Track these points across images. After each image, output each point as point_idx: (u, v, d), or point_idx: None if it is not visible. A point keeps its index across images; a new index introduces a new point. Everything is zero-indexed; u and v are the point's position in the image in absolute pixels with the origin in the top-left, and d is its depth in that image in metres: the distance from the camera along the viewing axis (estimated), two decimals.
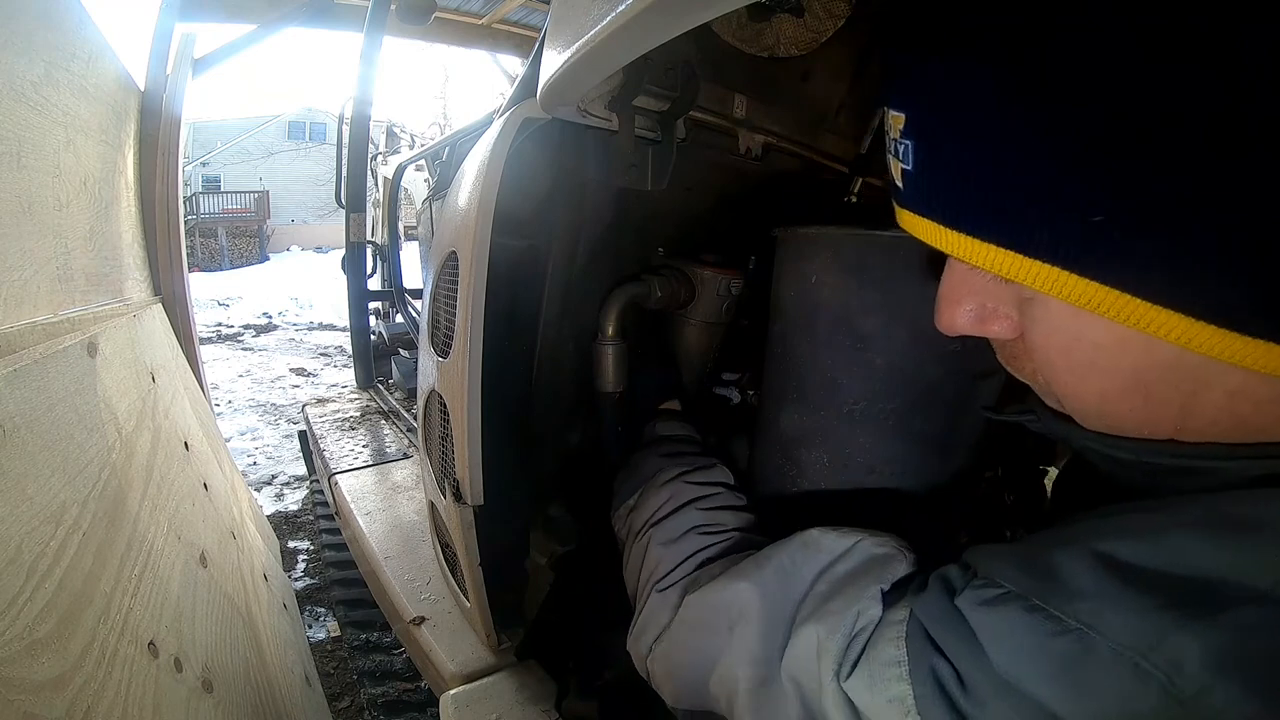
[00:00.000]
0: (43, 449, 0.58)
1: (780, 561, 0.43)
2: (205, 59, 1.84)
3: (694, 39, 0.70)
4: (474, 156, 0.71)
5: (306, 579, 2.13)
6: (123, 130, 1.44)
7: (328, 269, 8.94)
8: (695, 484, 0.60)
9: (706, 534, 0.54)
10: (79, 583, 0.57)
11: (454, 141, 2.07)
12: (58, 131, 0.95)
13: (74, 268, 0.98)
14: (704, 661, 0.45)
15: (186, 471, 1.06)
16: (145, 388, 1.01)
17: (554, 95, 0.52)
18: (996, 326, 0.34)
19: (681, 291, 0.79)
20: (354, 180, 2.27)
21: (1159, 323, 0.25)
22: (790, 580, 0.42)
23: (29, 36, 0.86)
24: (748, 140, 0.82)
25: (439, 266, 0.75)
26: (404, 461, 1.69)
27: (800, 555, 0.43)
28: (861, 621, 0.36)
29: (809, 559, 0.42)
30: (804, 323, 0.59)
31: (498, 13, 2.81)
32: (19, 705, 0.43)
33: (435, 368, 0.77)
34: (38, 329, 0.76)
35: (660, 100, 0.65)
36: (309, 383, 4.81)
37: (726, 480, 0.62)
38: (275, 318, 7.57)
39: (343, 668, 1.69)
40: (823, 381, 0.58)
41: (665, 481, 0.61)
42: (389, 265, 2.61)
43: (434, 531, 1.03)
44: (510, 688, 0.84)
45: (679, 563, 0.52)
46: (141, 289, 1.48)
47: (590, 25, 0.37)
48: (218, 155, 16.34)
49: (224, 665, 0.80)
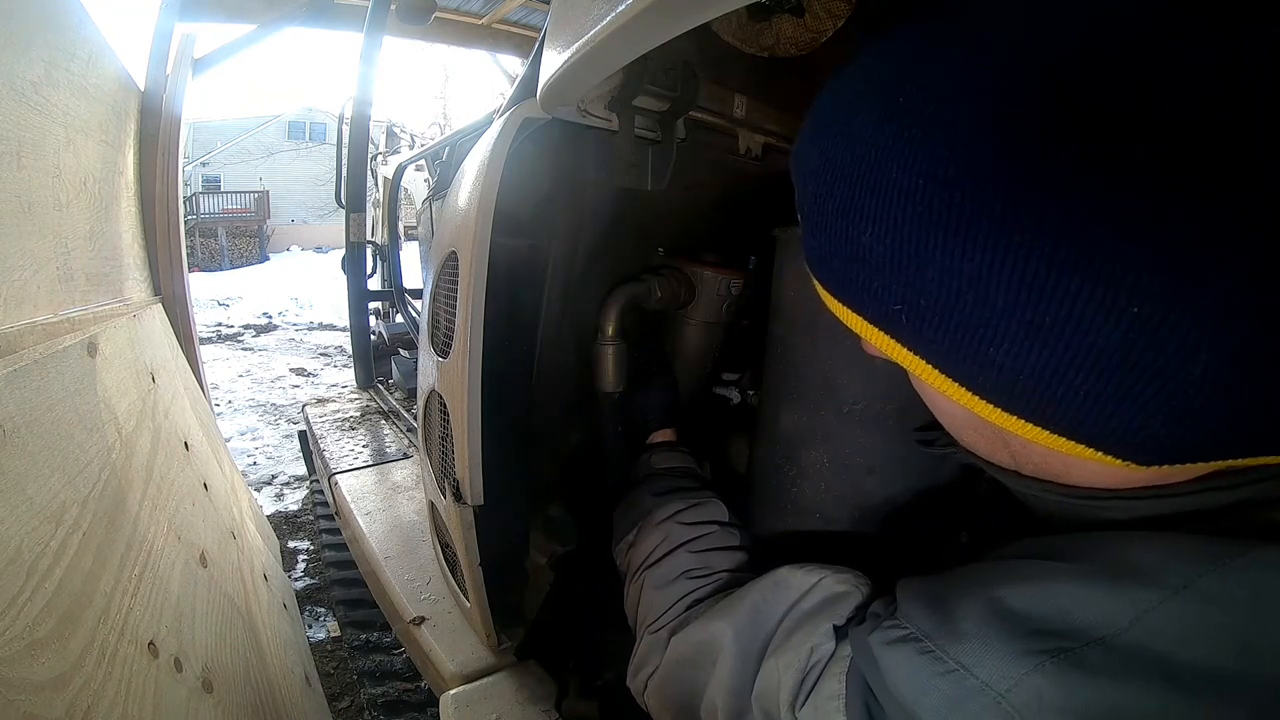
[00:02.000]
0: (43, 449, 0.58)
1: (753, 600, 0.46)
2: (205, 59, 1.84)
3: (694, 39, 0.70)
4: (474, 156, 0.71)
5: (306, 579, 2.13)
6: (123, 130, 1.44)
7: (328, 269, 8.95)
8: (688, 524, 0.62)
9: (696, 577, 0.57)
10: (79, 583, 0.57)
11: (454, 141, 2.07)
12: (58, 131, 0.95)
13: (74, 268, 0.98)
14: (692, 694, 0.49)
15: (186, 471, 1.06)
16: (145, 388, 1.01)
17: (554, 95, 0.52)
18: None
19: (681, 291, 0.79)
20: (354, 180, 2.27)
21: (950, 390, 0.30)
22: (761, 617, 0.45)
23: (29, 36, 0.86)
24: (748, 140, 0.82)
25: (439, 266, 0.75)
26: (404, 461, 1.69)
27: (771, 593, 0.46)
28: (815, 656, 0.39)
29: (778, 597, 0.45)
30: (804, 323, 0.59)
31: (498, 13, 2.81)
32: (19, 705, 0.43)
33: (435, 368, 0.77)
34: (38, 329, 0.76)
35: (660, 100, 0.65)
36: (309, 383, 4.81)
37: (720, 517, 0.63)
38: (275, 318, 7.56)
39: (343, 668, 1.69)
40: (823, 381, 0.58)
41: (659, 522, 0.63)
42: (389, 265, 2.61)
43: (434, 531, 1.03)
44: (510, 688, 0.84)
45: (669, 606, 0.55)
46: (141, 289, 1.48)
47: (590, 25, 0.37)
48: (218, 155, 16.34)
49: (224, 665, 0.80)
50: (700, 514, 0.63)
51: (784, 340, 0.62)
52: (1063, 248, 0.23)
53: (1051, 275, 0.24)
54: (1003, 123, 0.24)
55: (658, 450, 0.74)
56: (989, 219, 0.25)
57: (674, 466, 0.72)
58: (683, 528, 0.62)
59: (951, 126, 0.26)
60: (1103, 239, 0.23)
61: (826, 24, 0.79)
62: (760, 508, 0.68)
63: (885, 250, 0.29)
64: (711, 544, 0.60)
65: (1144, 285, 0.23)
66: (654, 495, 0.67)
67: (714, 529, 0.62)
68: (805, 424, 0.60)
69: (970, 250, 0.26)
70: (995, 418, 0.30)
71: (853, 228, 0.30)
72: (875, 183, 0.28)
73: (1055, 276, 0.24)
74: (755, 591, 0.47)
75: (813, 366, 0.59)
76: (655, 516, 0.64)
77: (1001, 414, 0.29)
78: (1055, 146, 0.23)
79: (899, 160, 0.27)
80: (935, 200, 0.26)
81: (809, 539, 0.62)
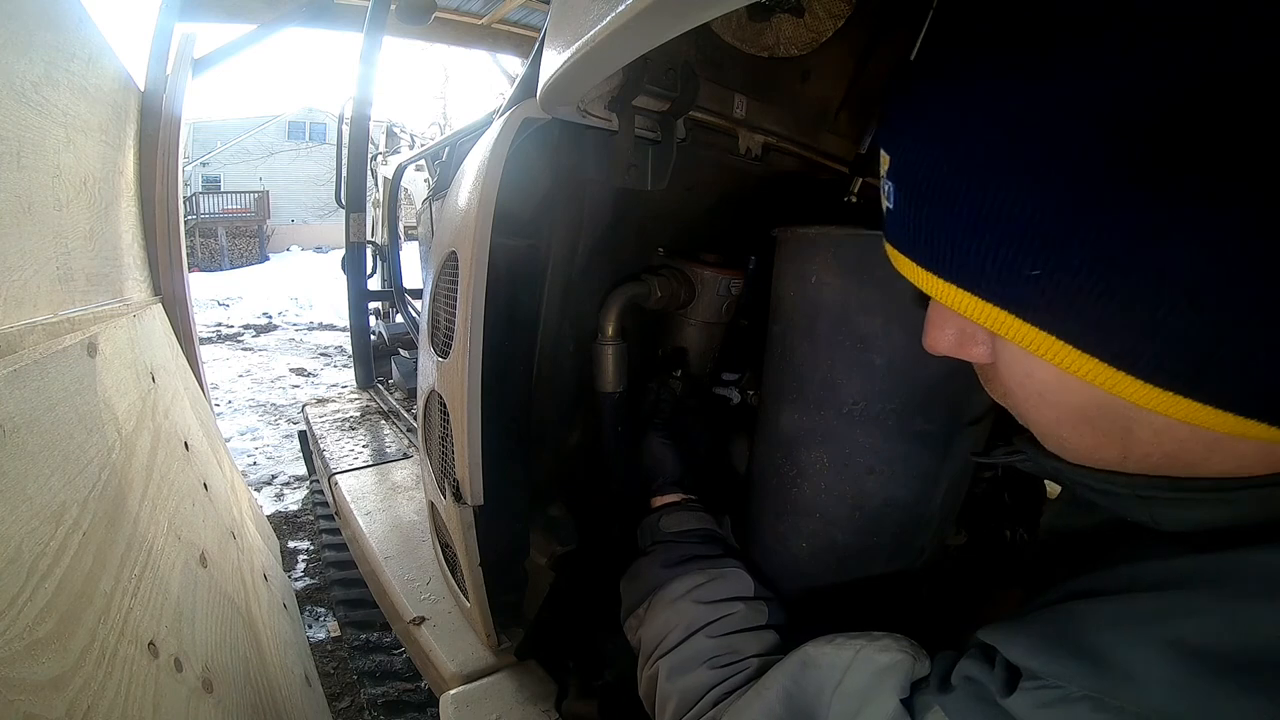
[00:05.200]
0: (43, 449, 0.58)
1: (783, 688, 0.42)
2: (205, 59, 1.84)
3: (694, 39, 0.70)
4: (474, 156, 0.71)
5: (306, 579, 2.13)
6: (123, 130, 1.44)
7: (328, 269, 8.95)
8: (706, 604, 0.55)
9: (720, 666, 0.51)
10: (79, 583, 0.57)
11: (454, 141, 2.06)
12: (58, 131, 0.95)
13: (74, 268, 0.98)
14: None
15: (186, 471, 1.06)
16: (145, 388, 1.01)
17: (554, 95, 0.52)
18: (974, 351, 0.36)
19: (681, 291, 0.79)
20: (354, 180, 2.27)
21: (1088, 369, 0.28)
22: (800, 705, 0.41)
23: (29, 36, 0.86)
24: (748, 140, 0.82)
25: (439, 266, 0.75)
26: (404, 461, 1.69)
27: (803, 677, 0.42)
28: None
29: (812, 680, 0.41)
30: (804, 323, 0.59)
31: (498, 13, 2.81)
32: (19, 705, 0.43)
33: (435, 368, 0.77)
34: (38, 329, 0.76)
35: (660, 100, 0.64)
36: (309, 383, 4.80)
37: (743, 592, 0.57)
38: (275, 318, 7.56)
39: (343, 668, 1.69)
40: (823, 381, 0.58)
41: (674, 600, 0.56)
42: (389, 265, 2.61)
43: (434, 531, 1.03)
44: (510, 688, 0.84)
45: (692, 705, 0.49)
46: (141, 289, 1.48)
47: (590, 25, 0.37)
48: (218, 155, 16.34)
49: (224, 665, 0.80)
50: (720, 589, 0.56)
51: (784, 340, 0.62)
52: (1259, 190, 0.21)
53: (1256, 224, 0.22)
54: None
55: (668, 512, 0.66)
56: (1176, 166, 0.23)
57: (689, 529, 0.64)
58: (701, 607, 0.55)
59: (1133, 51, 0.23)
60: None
61: (826, 24, 0.79)
62: (760, 508, 0.68)
63: (1032, 211, 0.26)
64: (736, 625, 0.54)
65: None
66: (666, 567, 0.60)
67: (738, 607, 0.55)
68: (805, 424, 0.60)
69: (1156, 203, 0.23)
70: (1142, 397, 0.27)
71: (985, 190, 0.28)
72: (1027, 136, 0.26)
73: (1263, 224, 0.22)
74: (783, 678, 0.43)
75: (813, 366, 0.59)
76: (669, 593, 0.57)
77: (1155, 392, 0.26)
78: None
79: (1064, 106, 0.25)
80: (1111, 148, 0.24)
81: (809, 540, 0.62)
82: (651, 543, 0.64)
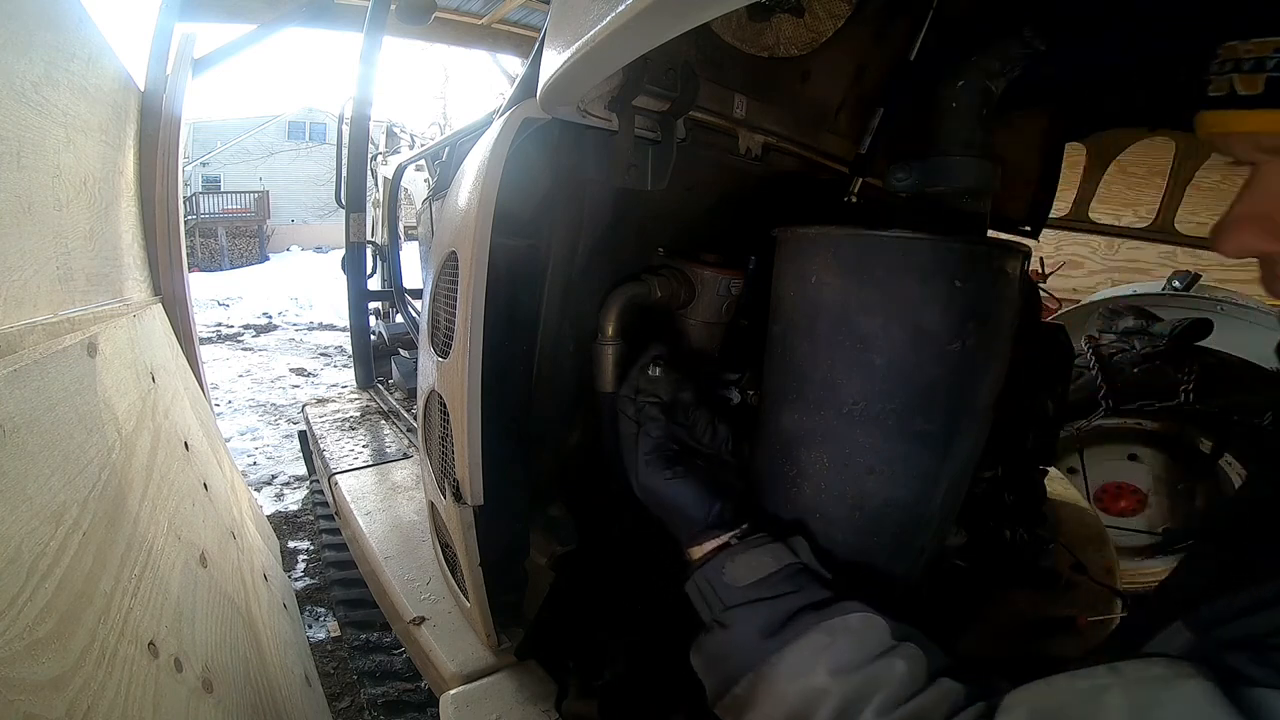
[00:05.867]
0: (43, 449, 0.58)
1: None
2: (205, 59, 1.84)
3: (694, 39, 0.70)
4: (474, 156, 0.71)
5: (306, 579, 2.13)
6: (123, 130, 1.44)
7: (328, 269, 8.92)
8: (851, 673, 0.42)
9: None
10: (79, 583, 0.57)
11: (454, 141, 2.06)
12: (58, 131, 0.95)
13: (74, 268, 0.98)
14: None
15: (186, 471, 1.06)
16: (145, 388, 1.01)
17: (554, 95, 0.52)
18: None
19: (681, 291, 0.79)
20: (354, 180, 2.27)
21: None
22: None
23: (29, 36, 0.86)
24: (748, 140, 0.82)
25: (439, 266, 0.75)
26: (404, 461, 1.69)
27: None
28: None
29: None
30: (804, 323, 0.59)
31: (498, 13, 2.82)
32: (19, 705, 0.43)
33: (435, 368, 0.77)
34: (38, 329, 0.76)
35: (660, 100, 0.64)
36: (309, 383, 4.80)
37: (883, 635, 0.44)
38: (275, 318, 7.56)
39: (343, 668, 1.69)
40: (823, 381, 0.58)
41: (799, 676, 0.43)
42: (389, 265, 2.60)
43: (434, 531, 1.03)
44: (510, 688, 0.84)
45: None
46: (141, 289, 1.48)
47: (590, 25, 0.37)
48: (218, 155, 16.34)
49: (224, 665, 0.80)
50: (858, 646, 0.43)
51: (784, 340, 0.62)
52: None
53: None
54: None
55: (729, 559, 0.52)
56: None
57: (765, 576, 0.49)
58: (847, 679, 0.41)
59: None
60: None
61: (826, 24, 0.79)
62: (760, 508, 0.68)
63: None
64: (905, 688, 0.40)
65: None
66: (768, 637, 0.46)
67: (896, 665, 0.42)
68: (805, 424, 0.60)
69: None
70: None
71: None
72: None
73: None
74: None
75: (813, 366, 0.59)
76: (788, 669, 0.44)
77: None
78: None
79: None
80: None
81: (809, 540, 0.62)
82: (724, 608, 0.50)
